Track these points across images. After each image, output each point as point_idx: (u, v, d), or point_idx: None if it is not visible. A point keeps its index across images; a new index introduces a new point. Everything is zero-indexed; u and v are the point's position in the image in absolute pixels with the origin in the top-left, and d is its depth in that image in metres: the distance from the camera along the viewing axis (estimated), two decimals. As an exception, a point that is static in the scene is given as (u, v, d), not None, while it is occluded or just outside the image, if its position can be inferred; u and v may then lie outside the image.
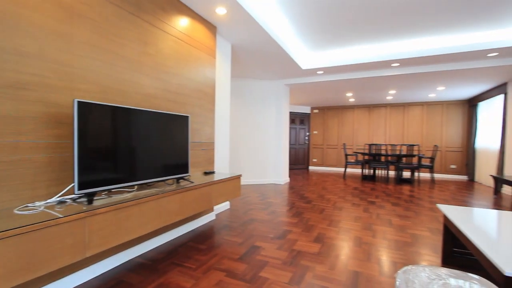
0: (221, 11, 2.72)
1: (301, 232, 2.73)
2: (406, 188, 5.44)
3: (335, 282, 1.77)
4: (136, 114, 1.82)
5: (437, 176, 7.52)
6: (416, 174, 7.68)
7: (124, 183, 1.71)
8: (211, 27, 3.03)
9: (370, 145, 6.64)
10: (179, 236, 2.56)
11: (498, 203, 4.25)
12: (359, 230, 2.83)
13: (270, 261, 2.06)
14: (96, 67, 1.79)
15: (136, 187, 1.99)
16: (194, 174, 2.75)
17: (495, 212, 2.01)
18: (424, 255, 2.23)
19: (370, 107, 8.37)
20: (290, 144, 8.78)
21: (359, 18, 3.29)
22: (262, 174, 5.82)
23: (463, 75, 4.76)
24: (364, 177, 6.85)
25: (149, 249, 2.25)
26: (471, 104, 6.97)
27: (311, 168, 9.24)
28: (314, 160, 9.20)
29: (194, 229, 2.78)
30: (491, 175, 4.89)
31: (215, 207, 3.36)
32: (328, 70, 4.91)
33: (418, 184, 6.06)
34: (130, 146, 1.77)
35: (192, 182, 2.21)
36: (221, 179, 2.49)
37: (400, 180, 6.42)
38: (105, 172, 1.59)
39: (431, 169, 6.36)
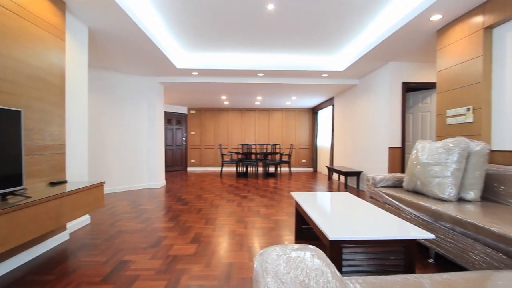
0: (72, -15, 2.24)
1: (177, 235, 2.65)
2: (271, 181, 6.33)
3: (211, 278, 1.83)
4: None
5: (293, 169, 9.18)
6: (278, 169, 9.08)
7: None
8: (58, 1, 2.44)
9: (242, 145, 7.30)
10: (13, 270, 1.91)
11: (331, 186, 5.68)
12: (233, 224, 3.05)
13: (142, 274, 1.89)
14: None
15: None
16: (35, 186, 2.13)
17: (328, 193, 2.67)
18: (284, 235, 2.68)
19: (242, 110, 9.20)
20: (166, 145, 8.35)
21: (229, 28, 3.55)
22: (134, 179, 5.24)
23: (308, 89, 6.05)
24: (239, 175, 7.45)
25: (-50, 301, 1.56)
26: (314, 112, 8.97)
27: (189, 169, 9.16)
28: (192, 160, 9.17)
29: (38, 256, 2.16)
30: (326, 166, 6.47)
31: (69, 224, 2.74)
32: (203, 72, 5.01)
33: (280, 177, 7.20)
34: None
35: (29, 197, 1.70)
36: (75, 190, 2.05)
37: (267, 175, 7.41)
38: None
39: (289, 164, 7.71)
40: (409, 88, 4.51)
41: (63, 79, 2.50)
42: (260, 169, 9.01)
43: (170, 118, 8.53)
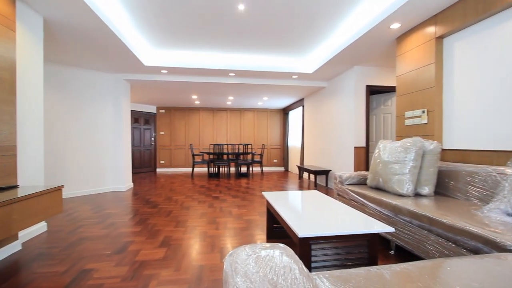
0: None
1: (145, 240, 2.55)
2: (243, 181, 6.34)
3: (181, 282, 1.79)
4: None
5: (265, 169, 9.28)
6: (250, 168, 9.12)
7: None
8: (7, -11, 2.21)
9: (214, 145, 7.21)
10: None
11: (301, 185, 5.84)
12: (204, 225, 3.00)
13: (106, 282, 1.78)
14: None
15: None
16: (-22, 192, 1.91)
17: (298, 192, 2.74)
18: (256, 235, 2.70)
19: (214, 110, 9.09)
20: (133, 145, 7.97)
21: (199, 26, 3.49)
22: (98, 181, 4.92)
23: (279, 90, 6.15)
24: (210, 175, 7.36)
25: None
26: (285, 112, 9.15)
27: (159, 170, 8.83)
28: (162, 162, 8.86)
29: (-20, 271, 1.93)
30: (297, 165, 6.64)
31: (21, 233, 2.50)
32: (172, 71, 4.87)
33: (252, 177, 7.24)
34: None
35: (-28, 205, 1.52)
36: (28, 195, 1.87)
37: (239, 175, 7.40)
38: None
39: (261, 164, 7.77)
40: (372, 91, 4.79)
41: (14, 73, 2.28)
42: (232, 169, 8.98)
43: (138, 118, 8.15)
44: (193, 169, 7.41)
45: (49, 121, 4.30)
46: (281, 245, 0.87)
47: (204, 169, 9.10)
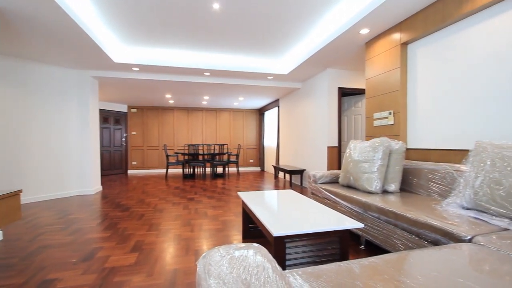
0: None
1: (115, 245, 2.43)
2: (219, 182, 6.28)
3: (154, 287, 1.73)
4: None
5: (241, 169, 9.27)
6: (227, 169, 9.07)
7: None
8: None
9: (189, 145, 7.07)
10: None
11: (277, 185, 5.91)
12: (178, 227, 2.93)
13: (71, 292, 1.67)
14: None
15: None
16: None
17: (273, 191, 2.77)
18: (232, 236, 2.68)
19: (189, 110, 8.91)
20: (102, 146, 7.56)
21: (173, 24, 3.40)
22: (62, 185, 4.61)
23: (254, 90, 6.19)
24: (185, 176, 7.20)
25: None
26: (261, 113, 9.22)
27: (130, 172, 8.47)
28: (134, 163, 8.51)
29: None
30: (272, 165, 6.71)
31: (-28, 244, 2.26)
32: (144, 68, 4.70)
33: (228, 177, 7.20)
34: None
35: None
36: (-20, 201, 1.70)
37: (215, 176, 7.32)
38: None
39: (237, 164, 7.76)
40: (344, 93, 4.98)
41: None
42: (208, 170, 8.86)
43: (107, 117, 7.75)
44: (167, 170, 7.21)
45: (4, 120, 3.94)
46: (256, 244, 0.88)
47: (179, 170, 8.88)
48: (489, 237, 1.37)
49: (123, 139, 8.29)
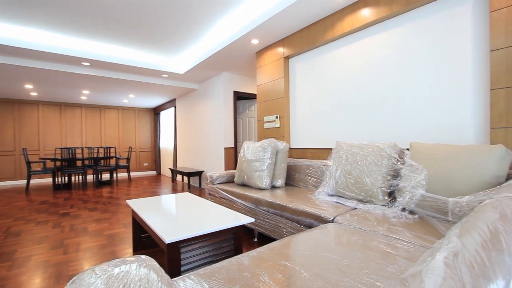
0: None
1: None
2: (105, 190, 5.44)
3: (2, 336, 1.32)
4: None
5: (133, 174, 8.35)
6: (115, 175, 7.96)
7: None
8: None
9: (62, 149, 5.78)
10: None
11: (174, 188, 5.65)
12: (45, 252, 2.35)
13: None
14: None
15: None
16: None
17: (168, 196, 2.62)
18: (119, 250, 2.37)
19: (62, 106, 7.31)
20: None
21: (35, -3, 2.71)
22: None
23: (147, 88, 5.70)
24: (57, 187, 5.86)
25: None
26: (156, 112, 8.58)
27: (-37, 187, 6.15)
28: (-30, 175, 6.24)
29: None
30: (169, 168, 6.37)
31: None
32: (-12, 48, 3.53)
33: (117, 184, 6.34)
34: None
35: None
36: None
37: (99, 183, 6.30)
38: None
39: (127, 168, 6.93)
40: (239, 97, 5.28)
41: None
42: (90, 177, 7.53)
43: None
44: (28, 181, 5.65)
45: None
46: (143, 256, 0.81)
47: (47, 180, 7.14)
48: (345, 216, 1.77)
49: (-50, 142, 5.95)
